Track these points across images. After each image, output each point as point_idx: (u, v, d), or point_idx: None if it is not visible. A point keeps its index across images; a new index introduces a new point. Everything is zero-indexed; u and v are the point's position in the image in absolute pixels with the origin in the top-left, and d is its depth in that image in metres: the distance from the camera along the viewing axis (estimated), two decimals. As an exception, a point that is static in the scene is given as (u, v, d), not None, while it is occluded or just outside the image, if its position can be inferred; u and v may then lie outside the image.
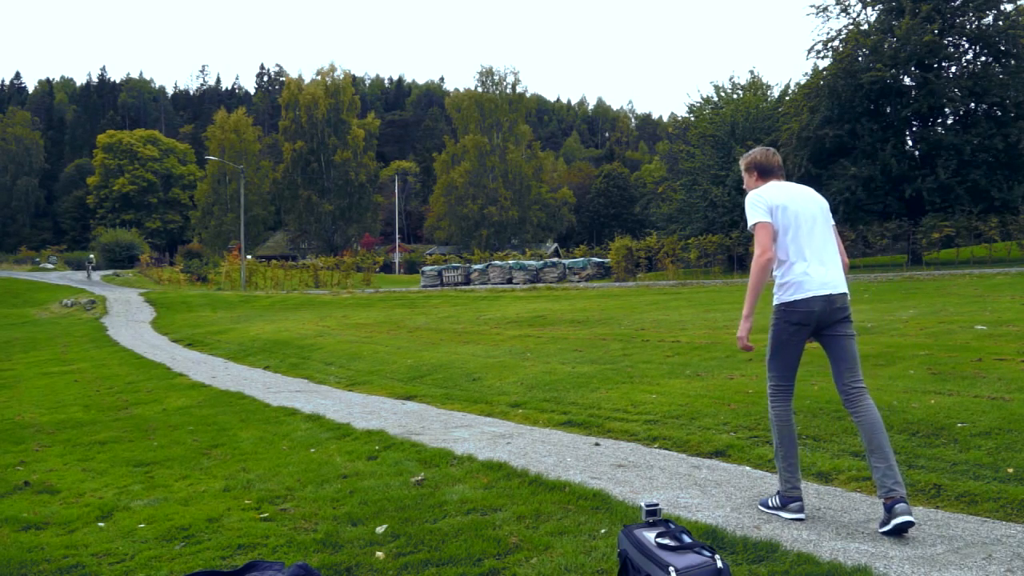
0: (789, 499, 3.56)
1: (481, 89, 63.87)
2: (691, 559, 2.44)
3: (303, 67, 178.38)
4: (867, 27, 26.34)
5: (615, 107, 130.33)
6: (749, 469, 4.46)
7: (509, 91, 63.64)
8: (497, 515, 3.70)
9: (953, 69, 25.56)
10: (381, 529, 3.58)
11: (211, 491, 4.61)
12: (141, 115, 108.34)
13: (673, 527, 2.66)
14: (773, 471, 4.36)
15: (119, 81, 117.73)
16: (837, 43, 26.55)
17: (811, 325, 3.54)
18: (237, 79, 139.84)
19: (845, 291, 3.58)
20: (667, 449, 5.07)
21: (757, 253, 3.54)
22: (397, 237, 61.38)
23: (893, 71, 24.57)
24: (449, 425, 6.40)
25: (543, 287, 27.82)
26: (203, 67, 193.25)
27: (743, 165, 3.93)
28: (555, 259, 35.16)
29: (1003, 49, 24.44)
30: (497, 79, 63.81)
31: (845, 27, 26.97)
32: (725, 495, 3.97)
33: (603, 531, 3.39)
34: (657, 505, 2.81)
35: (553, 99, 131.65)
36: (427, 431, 6.13)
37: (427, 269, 37.02)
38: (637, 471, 4.54)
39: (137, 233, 67.25)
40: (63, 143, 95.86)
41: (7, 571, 3.38)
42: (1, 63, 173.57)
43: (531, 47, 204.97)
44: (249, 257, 44.69)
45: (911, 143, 26.27)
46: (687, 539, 2.56)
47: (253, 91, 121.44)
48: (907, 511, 3.17)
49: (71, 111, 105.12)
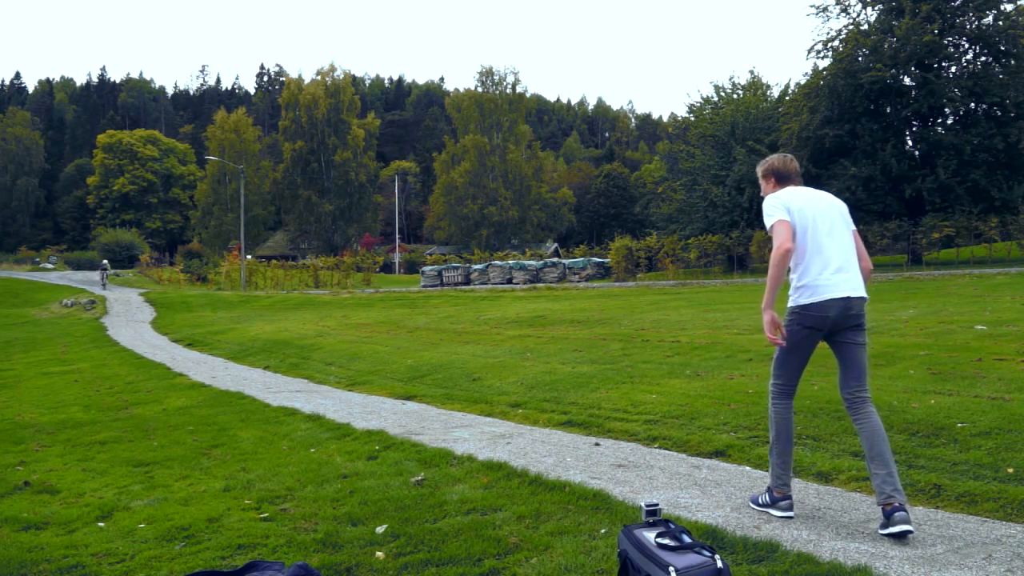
0: (780, 497, 3.57)
1: (481, 89, 63.93)
2: (691, 559, 2.44)
3: (303, 67, 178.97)
4: (867, 27, 26.34)
5: (615, 107, 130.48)
6: (749, 469, 4.46)
7: (509, 91, 63.71)
8: (497, 515, 3.70)
9: (953, 69, 25.56)
10: (381, 529, 3.58)
11: (211, 491, 4.61)
12: (141, 115, 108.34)
13: (673, 527, 2.66)
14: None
15: (119, 81, 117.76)
16: (837, 43, 26.55)
17: (824, 330, 3.50)
18: (237, 79, 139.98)
19: (863, 296, 3.52)
20: (667, 449, 5.07)
21: (776, 245, 3.47)
22: (397, 237, 61.41)
23: (893, 71, 24.58)
24: (449, 425, 6.40)
25: (543, 287, 27.82)
26: (203, 67, 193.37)
27: (760, 171, 3.90)
28: (555, 259, 35.16)
29: (1003, 49, 24.44)
30: (497, 79, 63.90)
31: (845, 27, 26.98)
32: (725, 495, 3.97)
33: (603, 531, 3.39)
34: (657, 505, 2.81)
35: (553, 99, 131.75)
36: (427, 431, 6.13)
37: (427, 269, 37.02)
38: (637, 471, 4.54)
39: (137, 233, 67.26)
40: (63, 143, 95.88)
41: (7, 571, 3.38)
42: (1, 63, 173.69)
43: (531, 47, 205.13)
44: (249, 257, 44.70)
45: (911, 143, 26.28)
46: (687, 539, 2.56)
47: (253, 91, 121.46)
48: (905, 520, 3.15)
49: (71, 111, 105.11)
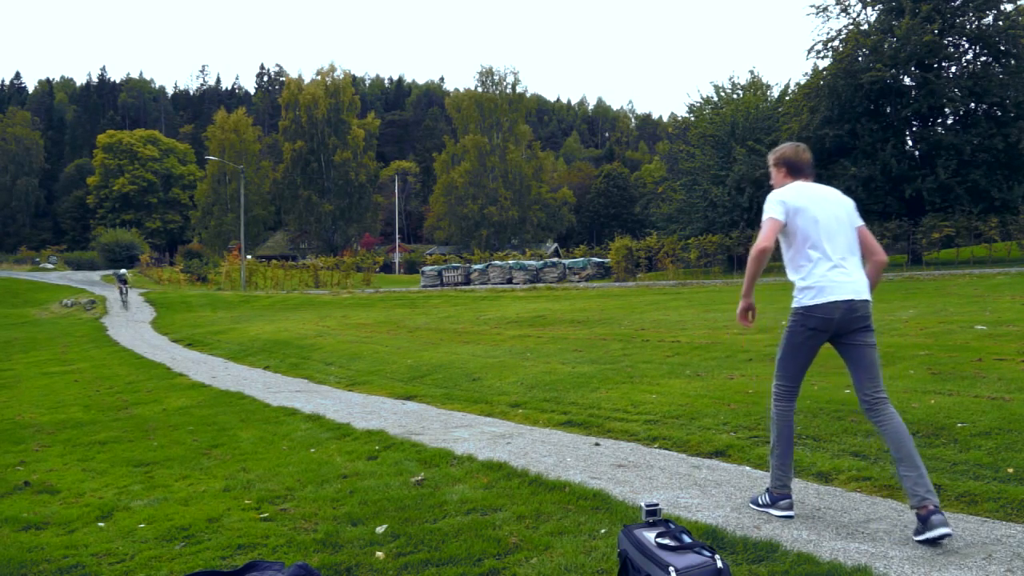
0: (779, 496, 3.55)
1: (481, 89, 63.92)
2: (691, 559, 2.44)
3: (303, 67, 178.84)
4: (867, 27, 26.33)
5: (615, 107, 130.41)
6: (749, 469, 4.46)
7: (509, 91, 63.69)
8: (497, 515, 3.70)
9: (953, 69, 25.55)
10: (381, 529, 3.58)
11: (211, 491, 4.61)
12: (141, 115, 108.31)
13: (673, 527, 2.66)
14: (773, 471, 4.36)
15: (119, 81, 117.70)
16: (837, 43, 26.54)
17: (829, 332, 3.45)
18: (237, 79, 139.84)
19: (867, 298, 3.47)
20: (667, 449, 5.06)
21: (756, 242, 3.50)
22: (397, 237, 61.42)
23: (893, 71, 24.57)
24: (449, 425, 6.40)
25: (543, 287, 27.82)
26: (203, 67, 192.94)
27: (771, 160, 3.83)
28: (555, 259, 35.17)
29: (1003, 49, 24.43)
30: (497, 79, 63.88)
31: (845, 27, 26.97)
32: (725, 495, 3.97)
33: (603, 531, 3.39)
34: (657, 505, 2.81)
35: (553, 99, 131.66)
36: (427, 431, 6.13)
37: (427, 269, 37.02)
38: (637, 471, 4.54)
39: (137, 233, 67.19)
40: (63, 143, 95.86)
41: (7, 571, 3.38)
42: (1, 63, 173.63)
43: (531, 47, 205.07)
44: (249, 257, 44.70)
45: (911, 143, 26.26)
46: (687, 539, 2.56)
47: (253, 91, 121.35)
48: (943, 523, 3.06)
49: (71, 111, 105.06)
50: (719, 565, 2.42)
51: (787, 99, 30.85)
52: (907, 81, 25.11)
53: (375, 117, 73.99)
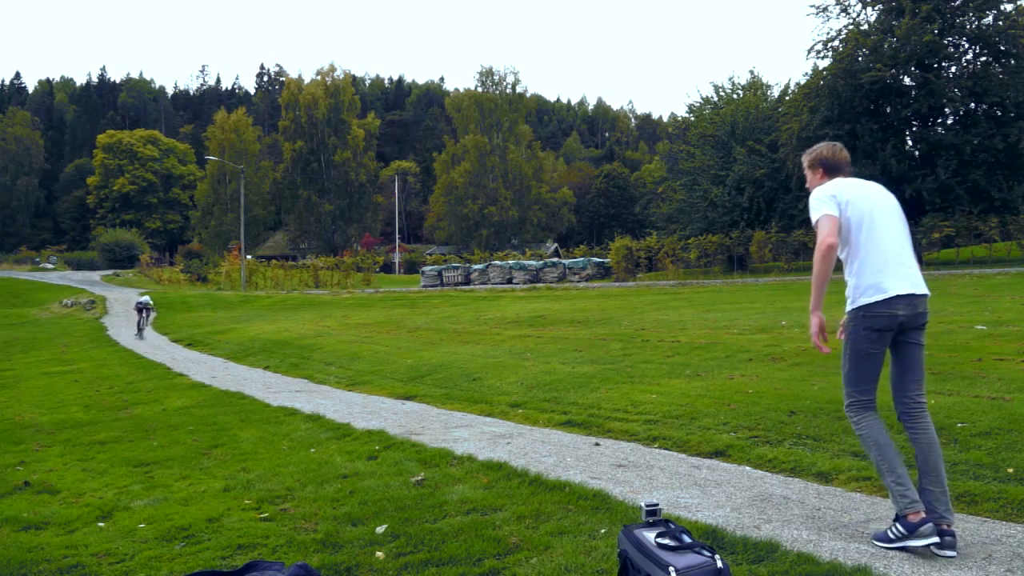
0: (917, 522, 3.00)
1: (481, 89, 63.92)
2: (691, 559, 2.44)
3: (303, 67, 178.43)
4: (867, 27, 26.32)
5: (615, 107, 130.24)
6: (749, 469, 4.45)
7: (509, 91, 63.70)
8: (497, 515, 3.70)
9: (953, 69, 25.54)
10: (381, 529, 3.57)
11: (211, 491, 4.61)
12: (141, 115, 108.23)
13: (673, 527, 2.65)
14: (773, 470, 4.36)
15: (119, 81, 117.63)
16: (837, 43, 26.53)
17: (894, 330, 3.15)
18: (237, 79, 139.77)
19: (926, 292, 3.21)
20: (667, 449, 5.06)
21: (818, 241, 3.16)
22: (397, 237, 61.38)
23: (893, 71, 24.56)
24: (449, 425, 6.40)
25: (543, 287, 27.82)
26: (203, 67, 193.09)
27: (807, 161, 3.57)
28: (555, 259, 35.16)
29: (1003, 49, 24.42)
30: (497, 79, 63.89)
31: (845, 27, 26.95)
32: (725, 495, 3.96)
33: (603, 531, 3.39)
34: (657, 505, 2.81)
35: (553, 99, 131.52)
36: (427, 431, 6.13)
37: (427, 269, 37.02)
38: (637, 471, 4.54)
39: (137, 233, 67.22)
40: (63, 143, 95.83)
41: (7, 571, 3.38)
42: (1, 63, 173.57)
43: (531, 47, 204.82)
44: (249, 257, 44.70)
45: (911, 143, 26.25)
46: (687, 539, 2.56)
47: (253, 91, 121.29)
48: (952, 546, 2.97)
49: (71, 111, 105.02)
50: (719, 565, 2.42)
51: (787, 99, 30.83)
52: (907, 81, 25.10)
53: (375, 117, 73.95)
